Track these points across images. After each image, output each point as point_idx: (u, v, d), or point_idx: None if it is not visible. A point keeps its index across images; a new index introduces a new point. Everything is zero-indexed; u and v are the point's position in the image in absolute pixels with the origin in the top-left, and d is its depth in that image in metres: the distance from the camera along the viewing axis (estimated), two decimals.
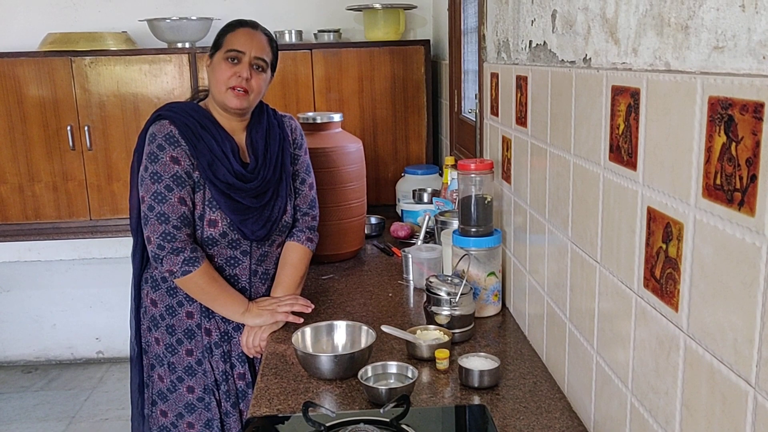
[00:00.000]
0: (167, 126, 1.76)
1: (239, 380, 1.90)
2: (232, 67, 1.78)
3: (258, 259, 1.90)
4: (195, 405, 1.88)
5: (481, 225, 1.79)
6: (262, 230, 1.84)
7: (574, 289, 1.31)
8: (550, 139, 1.42)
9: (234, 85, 1.77)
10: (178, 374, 1.88)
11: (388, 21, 3.34)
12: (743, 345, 0.75)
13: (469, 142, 2.52)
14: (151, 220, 1.73)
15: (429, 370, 1.53)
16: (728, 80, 0.76)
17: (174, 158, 1.74)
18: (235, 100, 1.78)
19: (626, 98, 1.03)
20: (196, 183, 1.77)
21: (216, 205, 1.78)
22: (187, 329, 1.87)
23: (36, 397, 3.70)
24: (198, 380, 1.87)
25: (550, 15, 1.39)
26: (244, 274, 1.88)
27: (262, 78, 1.82)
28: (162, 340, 1.88)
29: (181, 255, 1.72)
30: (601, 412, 1.21)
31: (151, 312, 1.89)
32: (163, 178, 1.73)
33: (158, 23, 3.29)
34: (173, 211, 1.73)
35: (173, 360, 1.88)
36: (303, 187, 1.99)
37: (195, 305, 1.86)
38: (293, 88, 3.26)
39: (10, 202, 3.35)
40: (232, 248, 1.84)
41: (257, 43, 1.80)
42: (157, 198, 1.72)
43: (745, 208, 0.73)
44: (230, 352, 1.89)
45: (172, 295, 1.86)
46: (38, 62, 3.22)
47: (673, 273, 0.90)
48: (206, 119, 1.81)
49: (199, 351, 1.87)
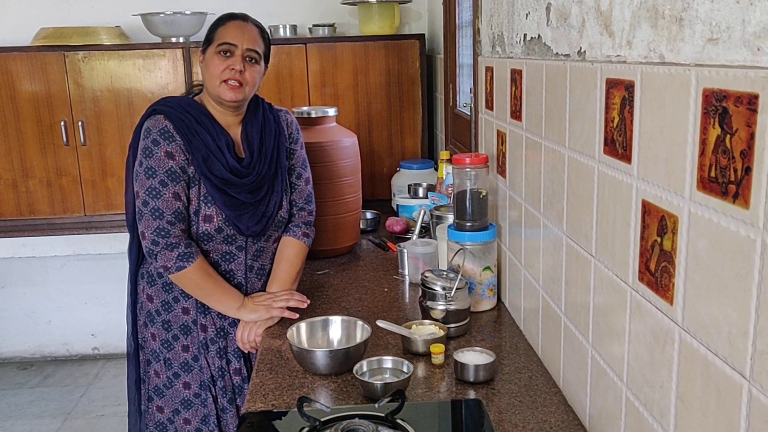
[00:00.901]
0: (162, 121, 1.76)
1: (235, 375, 1.90)
2: (225, 61, 1.77)
3: (254, 254, 1.89)
4: (191, 401, 1.88)
5: (476, 219, 1.79)
6: (257, 226, 1.83)
7: (569, 283, 1.31)
8: (545, 133, 1.42)
9: (228, 78, 1.76)
10: (174, 370, 1.88)
11: (383, 15, 3.33)
12: (738, 338, 0.75)
13: (464, 136, 2.51)
14: (146, 216, 1.72)
15: (424, 364, 1.52)
16: (722, 72, 0.75)
17: (168, 153, 1.73)
18: (230, 92, 1.77)
19: (621, 91, 1.03)
20: (191, 178, 1.76)
21: (211, 201, 1.77)
22: (183, 325, 1.86)
23: (31, 394, 3.69)
24: (194, 376, 1.87)
25: (544, 8, 1.38)
26: (240, 270, 1.88)
27: (255, 70, 1.81)
28: (158, 336, 1.87)
29: (175, 251, 1.72)
30: (597, 406, 1.21)
31: (148, 307, 1.89)
32: (157, 173, 1.72)
33: (152, 18, 3.27)
34: (167, 206, 1.72)
35: (169, 356, 1.87)
36: (299, 182, 1.99)
37: (191, 301, 1.85)
38: (288, 82, 3.25)
39: (3, 198, 3.33)
40: (227, 244, 1.83)
41: (249, 35, 1.79)
42: (151, 193, 1.71)
43: (739, 201, 0.73)
44: (226, 348, 1.88)
45: (168, 290, 1.85)
46: (31, 57, 3.20)
47: (668, 266, 0.90)
48: (202, 114, 1.81)
49: (195, 347, 1.87)
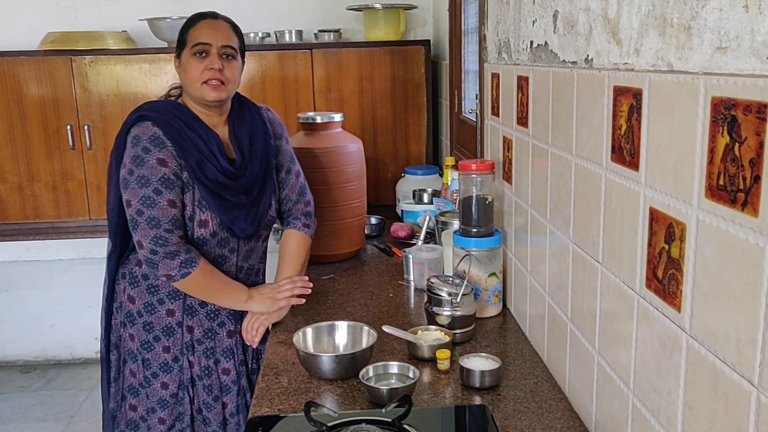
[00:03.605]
0: (151, 127, 1.72)
1: (223, 375, 1.88)
2: (201, 62, 1.75)
3: (244, 255, 1.89)
4: (167, 401, 1.86)
5: (482, 225, 1.79)
6: (250, 227, 1.83)
7: (576, 290, 1.31)
8: (552, 140, 1.42)
9: (208, 78, 1.75)
10: (152, 370, 1.85)
11: (389, 21, 3.34)
12: (746, 345, 0.75)
13: (470, 142, 2.52)
14: (141, 225, 1.69)
15: (430, 370, 1.53)
16: (731, 81, 0.76)
17: (161, 160, 1.70)
18: (212, 92, 1.76)
19: (628, 99, 1.03)
20: (185, 183, 1.74)
21: (206, 205, 1.76)
22: (166, 327, 1.84)
23: (34, 397, 3.70)
24: (173, 377, 1.85)
25: (551, 15, 1.39)
26: (231, 272, 1.87)
27: (234, 66, 1.80)
28: (137, 337, 1.85)
29: (177, 258, 1.70)
30: (603, 413, 1.21)
31: (128, 308, 1.86)
32: (151, 181, 1.69)
33: (158, 22, 3.29)
34: (163, 214, 1.69)
35: (148, 356, 1.85)
36: (289, 176, 1.97)
37: (177, 303, 1.83)
38: (293, 87, 3.26)
39: (9, 202, 3.35)
40: (220, 246, 1.83)
41: (222, 32, 1.78)
42: (146, 202, 1.68)
43: (748, 209, 0.73)
44: (214, 349, 1.87)
45: (153, 292, 1.83)
46: (38, 61, 3.22)
47: (676, 273, 0.90)
48: (190, 117, 1.79)
49: (177, 348, 1.85)
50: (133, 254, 1.86)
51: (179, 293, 1.82)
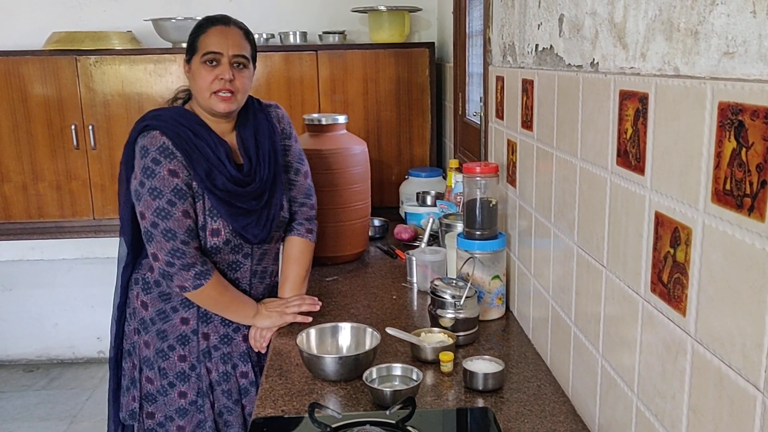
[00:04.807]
0: (159, 137, 1.69)
1: (242, 378, 1.88)
2: (212, 71, 1.71)
3: (258, 258, 1.88)
4: (187, 409, 1.84)
5: (485, 228, 1.79)
6: (263, 232, 1.81)
7: (580, 293, 1.32)
8: (557, 143, 1.42)
9: (218, 89, 1.71)
10: (169, 379, 1.84)
11: (393, 23, 3.34)
12: (752, 350, 0.75)
13: (473, 145, 2.52)
14: (157, 237, 1.67)
15: (433, 372, 1.53)
16: (738, 86, 0.76)
17: (172, 171, 1.68)
18: (221, 104, 1.72)
19: (634, 103, 1.03)
20: (195, 193, 1.72)
21: (217, 214, 1.74)
22: (180, 335, 1.82)
23: (37, 397, 3.70)
24: (191, 385, 1.84)
25: (557, 19, 1.39)
26: (245, 277, 1.87)
27: (245, 75, 1.75)
28: (152, 344, 1.83)
29: (192, 270, 1.69)
30: (606, 416, 1.21)
31: (141, 314, 1.84)
32: (163, 193, 1.67)
33: (163, 23, 3.30)
34: (179, 225, 1.68)
35: (164, 365, 1.83)
36: (297, 177, 1.95)
37: (191, 311, 1.82)
38: (298, 89, 3.27)
39: (13, 201, 3.36)
40: (234, 253, 1.81)
41: (233, 41, 1.73)
42: (160, 214, 1.66)
43: (755, 214, 0.74)
44: (230, 354, 1.86)
45: (165, 300, 1.82)
46: (43, 61, 3.23)
47: (681, 278, 0.91)
48: (197, 125, 1.75)
49: (194, 356, 1.83)
50: (145, 259, 1.83)
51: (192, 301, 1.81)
